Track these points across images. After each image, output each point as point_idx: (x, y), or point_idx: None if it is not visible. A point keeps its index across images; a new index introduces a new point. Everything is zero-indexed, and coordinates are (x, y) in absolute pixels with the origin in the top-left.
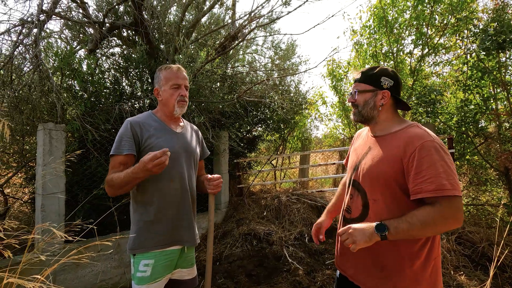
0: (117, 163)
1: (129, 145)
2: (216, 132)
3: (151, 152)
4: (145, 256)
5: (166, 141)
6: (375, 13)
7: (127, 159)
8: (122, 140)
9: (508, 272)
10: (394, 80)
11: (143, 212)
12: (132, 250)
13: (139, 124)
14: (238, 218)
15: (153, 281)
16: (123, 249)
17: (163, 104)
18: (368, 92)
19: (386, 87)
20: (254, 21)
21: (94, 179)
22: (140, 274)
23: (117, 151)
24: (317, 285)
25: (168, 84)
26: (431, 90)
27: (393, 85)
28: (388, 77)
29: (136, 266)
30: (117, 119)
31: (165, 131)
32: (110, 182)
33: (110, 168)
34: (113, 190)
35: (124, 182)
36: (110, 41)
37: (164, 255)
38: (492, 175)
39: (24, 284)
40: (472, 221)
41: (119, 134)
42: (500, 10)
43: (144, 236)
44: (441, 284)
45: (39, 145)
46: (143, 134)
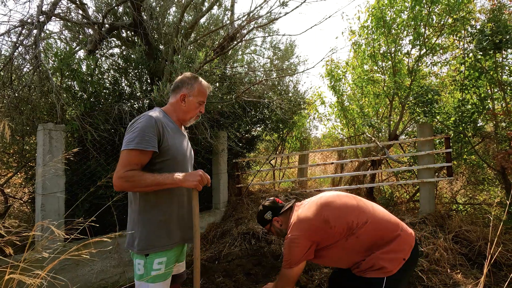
0: (136, 158)
1: (153, 141)
2: (214, 132)
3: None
4: (158, 255)
5: (180, 143)
6: (373, 14)
7: (147, 156)
8: (146, 135)
9: (504, 270)
10: (268, 209)
11: (154, 213)
12: (144, 250)
13: (162, 122)
14: (237, 217)
15: (166, 278)
16: (122, 248)
17: (183, 111)
18: (269, 227)
19: (271, 217)
20: (252, 21)
21: (93, 179)
22: (155, 273)
23: (140, 145)
24: (315, 283)
25: (198, 97)
26: (428, 90)
27: (272, 212)
28: (266, 213)
29: (150, 265)
30: (116, 120)
31: (179, 134)
32: (133, 178)
33: (125, 163)
34: (131, 186)
35: (156, 183)
36: (109, 41)
37: (173, 251)
38: (490, 174)
39: (25, 280)
40: (469, 220)
41: (140, 127)
42: (497, 11)
43: (157, 235)
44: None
45: (39, 145)
46: (164, 133)
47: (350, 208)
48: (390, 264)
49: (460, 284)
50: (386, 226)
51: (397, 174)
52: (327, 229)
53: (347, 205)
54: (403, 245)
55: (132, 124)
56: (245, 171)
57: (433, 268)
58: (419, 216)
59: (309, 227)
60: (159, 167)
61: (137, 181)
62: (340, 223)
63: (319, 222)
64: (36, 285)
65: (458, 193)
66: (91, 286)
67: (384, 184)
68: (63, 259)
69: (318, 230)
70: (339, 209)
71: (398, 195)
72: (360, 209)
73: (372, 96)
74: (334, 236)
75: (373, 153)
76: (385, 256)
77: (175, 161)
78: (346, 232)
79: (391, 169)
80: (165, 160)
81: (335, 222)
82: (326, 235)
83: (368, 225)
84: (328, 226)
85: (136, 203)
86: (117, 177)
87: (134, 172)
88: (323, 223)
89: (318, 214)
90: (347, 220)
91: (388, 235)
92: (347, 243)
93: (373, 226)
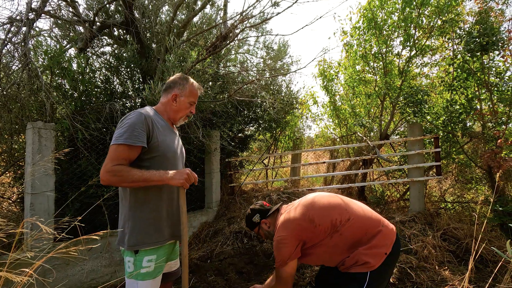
0: (124, 153)
1: (143, 137)
2: (207, 131)
3: (190, 169)
4: (148, 252)
5: (170, 141)
6: (364, 15)
7: (135, 151)
8: (135, 131)
9: (490, 266)
10: (256, 212)
11: (144, 209)
12: (134, 246)
13: (151, 119)
14: (229, 216)
15: (156, 276)
16: (113, 247)
17: (174, 110)
18: (258, 230)
19: (259, 220)
20: (245, 21)
21: (84, 178)
22: (144, 270)
23: (129, 141)
24: (306, 281)
25: (189, 98)
26: (418, 91)
27: (260, 215)
28: (254, 216)
29: (139, 263)
30: (108, 118)
31: (170, 132)
32: (120, 173)
33: (113, 157)
34: (117, 180)
35: (142, 179)
36: (100, 40)
37: (163, 249)
38: (477, 173)
39: (12, 278)
40: (457, 218)
41: (129, 123)
42: (484, 13)
43: (146, 232)
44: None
45: (28, 143)
46: (153, 130)
47: (333, 206)
48: (373, 259)
49: (448, 281)
50: (368, 222)
51: (388, 173)
52: (312, 228)
53: (331, 204)
54: (385, 240)
55: (122, 120)
56: (238, 171)
57: (422, 265)
58: (409, 215)
59: (295, 227)
60: (149, 164)
61: (124, 176)
62: (324, 222)
63: (305, 222)
64: (24, 283)
65: (446, 191)
66: (81, 286)
67: (375, 183)
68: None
69: (304, 229)
70: (323, 208)
71: (389, 194)
72: (342, 207)
73: (364, 96)
74: (319, 235)
75: (364, 152)
76: (368, 251)
77: (165, 158)
78: (330, 230)
79: (382, 168)
80: (155, 156)
81: (319, 221)
82: (311, 234)
83: (350, 222)
84: (313, 225)
85: (127, 199)
86: (105, 171)
87: (121, 167)
88: (309, 223)
89: (303, 214)
90: (330, 218)
91: (370, 231)
92: (331, 240)
93: (355, 223)
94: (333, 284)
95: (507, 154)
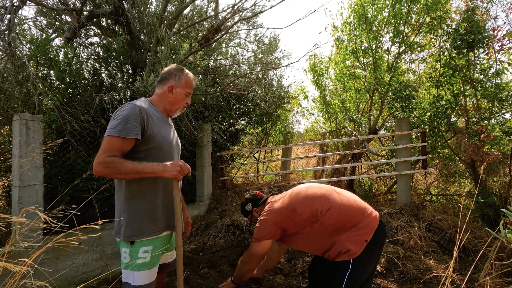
0: (117, 144)
1: (136, 129)
2: (199, 124)
3: (183, 161)
4: (144, 243)
5: (166, 132)
6: (355, 10)
7: (128, 143)
8: (129, 123)
9: (471, 255)
10: (249, 201)
11: (140, 201)
12: (130, 237)
13: (146, 111)
14: (221, 209)
15: (152, 266)
16: (104, 241)
17: (170, 102)
18: (250, 217)
19: (251, 208)
20: (237, 14)
21: (73, 171)
22: (140, 261)
23: (123, 133)
24: (297, 272)
25: (185, 89)
26: (406, 86)
27: (252, 203)
28: (246, 204)
29: (135, 254)
30: (97, 111)
31: (165, 123)
32: (112, 164)
33: (106, 148)
34: (110, 172)
35: (134, 171)
36: (88, 30)
37: (160, 240)
38: (461, 167)
39: (11, 268)
40: (442, 209)
41: (123, 115)
42: (471, 11)
43: (142, 223)
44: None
45: (15, 135)
46: (148, 122)
47: (317, 197)
48: (354, 246)
49: (432, 269)
50: (348, 211)
51: (376, 167)
52: (294, 217)
53: (315, 195)
54: (365, 228)
55: (117, 112)
56: (229, 164)
57: (408, 255)
58: (396, 207)
59: (278, 214)
60: (144, 155)
61: (116, 167)
62: (305, 211)
63: (288, 211)
64: (23, 273)
65: (432, 184)
66: (72, 280)
67: (363, 176)
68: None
69: (285, 217)
70: (306, 198)
71: (377, 187)
72: (324, 197)
73: (354, 91)
74: (300, 223)
75: (353, 146)
76: (349, 239)
77: (160, 150)
78: (311, 219)
79: (370, 162)
80: (150, 148)
81: (301, 210)
82: (293, 222)
83: (330, 211)
84: (295, 214)
85: (122, 191)
86: (97, 162)
87: (114, 159)
88: (291, 212)
89: (288, 204)
90: (312, 208)
91: (350, 219)
92: (312, 229)
93: (335, 212)
94: (320, 273)
95: (489, 148)
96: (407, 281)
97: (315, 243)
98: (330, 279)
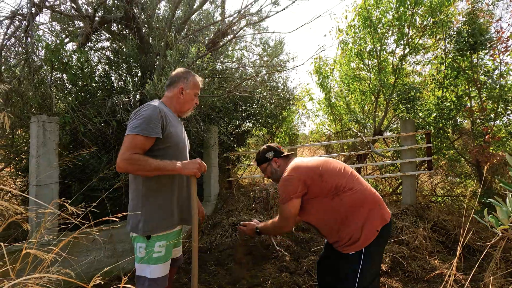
0: (140, 143)
1: (158, 128)
2: (206, 126)
3: (200, 159)
4: (159, 238)
5: (180, 131)
6: (360, 13)
7: (150, 141)
8: (151, 123)
9: (477, 256)
10: (271, 150)
11: (157, 197)
12: (147, 232)
13: (164, 112)
14: (227, 210)
15: (166, 260)
16: (116, 239)
17: (181, 103)
18: (266, 166)
19: (272, 157)
20: (243, 18)
21: (86, 171)
22: (156, 255)
23: (144, 132)
24: (303, 270)
25: (193, 90)
26: (410, 88)
27: (274, 153)
28: (269, 152)
29: (151, 248)
30: (109, 113)
31: (178, 123)
32: (138, 162)
33: (129, 146)
34: (134, 169)
35: (157, 168)
36: (99, 35)
37: (173, 235)
38: (467, 168)
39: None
40: (447, 210)
41: (145, 115)
42: (473, 14)
43: (159, 218)
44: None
45: (33, 136)
46: (166, 122)
47: (344, 173)
48: (366, 232)
49: (437, 268)
50: (368, 198)
51: (381, 168)
52: (319, 182)
53: (342, 170)
54: (378, 219)
55: (137, 111)
56: (235, 165)
57: (413, 254)
58: (401, 208)
59: (305, 171)
60: (162, 153)
61: (142, 165)
62: (331, 181)
63: (314, 172)
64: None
65: (437, 186)
66: (85, 276)
67: (369, 177)
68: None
69: (311, 177)
70: (334, 170)
71: (382, 188)
72: (351, 176)
73: (358, 93)
74: (323, 191)
75: (358, 147)
76: (363, 224)
77: (177, 148)
78: (333, 191)
79: (375, 163)
80: (168, 146)
81: (327, 178)
82: (317, 187)
83: (353, 191)
84: (320, 179)
85: (139, 188)
86: (122, 158)
87: (139, 156)
88: (318, 176)
89: (315, 166)
90: (337, 181)
91: (368, 206)
92: (332, 201)
93: (356, 193)
94: (331, 268)
95: (495, 149)
96: (411, 280)
97: (330, 216)
98: (342, 274)
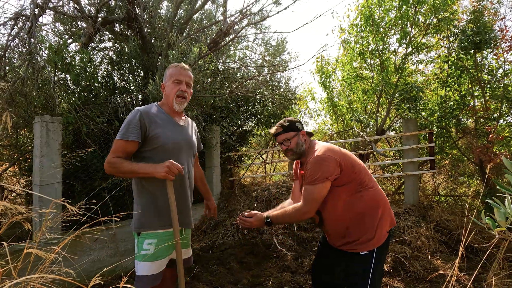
0: (121, 147)
1: (136, 132)
2: (208, 126)
3: (172, 161)
4: (149, 235)
5: (171, 132)
6: (362, 12)
7: (130, 145)
8: (129, 127)
9: (479, 256)
10: (300, 122)
11: (148, 196)
12: (137, 229)
13: (148, 114)
14: (229, 209)
15: (156, 260)
16: (118, 238)
17: (166, 97)
18: (294, 136)
19: (301, 128)
20: (245, 18)
21: (89, 171)
22: (144, 252)
23: (123, 136)
24: (304, 269)
25: (171, 80)
26: (413, 87)
27: (302, 126)
28: (298, 122)
29: (140, 245)
30: (112, 113)
31: (170, 123)
32: (115, 164)
33: (113, 150)
34: (114, 171)
35: (131, 171)
36: (101, 35)
37: (166, 235)
38: (470, 168)
39: (41, 255)
40: (450, 210)
41: (126, 120)
42: (478, 12)
43: (148, 217)
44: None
45: (36, 136)
46: (151, 124)
47: (367, 170)
48: (379, 232)
49: (439, 268)
50: (383, 199)
51: (383, 167)
52: (351, 171)
53: (367, 169)
54: (388, 221)
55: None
56: (237, 165)
57: (415, 254)
58: (403, 207)
59: (341, 155)
60: (150, 155)
61: (117, 167)
62: (359, 174)
63: (348, 160)
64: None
65: (440, 185)
66: (88, 275)
67: None
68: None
69: (346, 165)
70: (360, 164)
71: (384, 188)
72: (371, 176)
73: (361, 92)
74: (349, 182)
75: (361, 147)
76: (378, 224)
77: (164, 149)
78: (358, 185)
79: (378, 163)
80: (155, 148)
81: (357, 170)
82: (347, 175)
83: (373, 190)
84: (352, 169)
85: (134, 188)
86: (106, 162)
87: (116, 159)
88: (350, 165)
89: (349, 154)
90: (363, 176)
91: (382, 206)
92: (353, 196)
93: (376, 193)
94: (331, 265)
95: (498, 149)
96: (413, 280)
97: (345, 210)
98: (349, 274)
